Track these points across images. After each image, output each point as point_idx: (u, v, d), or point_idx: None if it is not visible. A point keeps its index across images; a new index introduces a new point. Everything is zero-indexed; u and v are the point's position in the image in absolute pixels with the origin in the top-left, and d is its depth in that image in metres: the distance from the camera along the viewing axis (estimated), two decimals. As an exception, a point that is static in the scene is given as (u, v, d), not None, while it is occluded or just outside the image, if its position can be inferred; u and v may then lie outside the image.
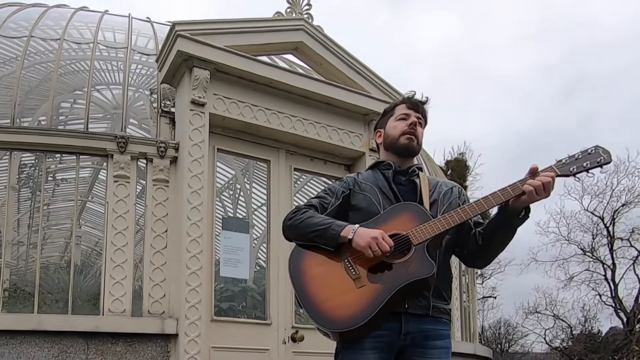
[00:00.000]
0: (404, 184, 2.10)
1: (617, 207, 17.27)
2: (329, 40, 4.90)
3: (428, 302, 1.94)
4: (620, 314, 17.10)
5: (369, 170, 2.20)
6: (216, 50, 4.30)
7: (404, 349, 1.94)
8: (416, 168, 2.16)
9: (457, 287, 6.61)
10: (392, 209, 1.98)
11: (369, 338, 1.88)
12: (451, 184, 2.20)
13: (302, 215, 2.01)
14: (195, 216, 4.21)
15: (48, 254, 5.47)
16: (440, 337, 1.97)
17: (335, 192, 2.09)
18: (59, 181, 5.19)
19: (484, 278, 21.11)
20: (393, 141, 2.14)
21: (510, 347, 23.00)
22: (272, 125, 4.64)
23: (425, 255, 1.86)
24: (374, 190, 2.06)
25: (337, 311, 1.84)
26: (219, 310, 4.50)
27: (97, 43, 4.91)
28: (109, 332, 4.05)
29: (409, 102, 2.17)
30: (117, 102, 4.85)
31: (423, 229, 1.88)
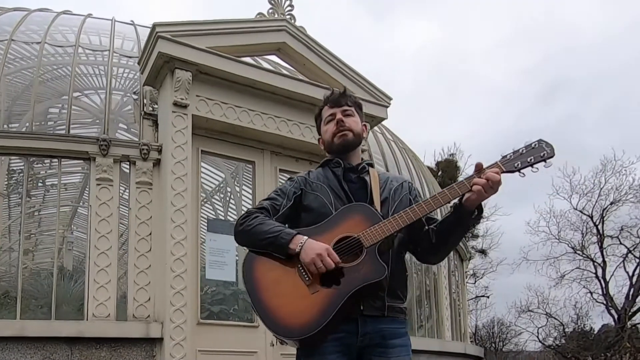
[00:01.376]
0: (354, 182, 2.07)
1: (605, 206, 17.39)
2: (312, 41, 4.89)
3: (383, 303, 1.93)
4: (611, 311, 17.20)
5: (319, 168, 2.16)
6: (198, 52, 4.28)
7: (363, 350, 1.92)
8: (366, 164, 2.13)
9: (447, 286, 6.62)
10: (342, 211, 1.95)
11: (328, 342, 1.86)
12: (401, 179, 2.18)
13: (252, 220, 1.96)
14: (179, 218, 4.18)
15: (40, 260, 5.40)
16: (398, 335, 1.96)
17: (287, 192, 2.06)
18: (48, 187, 5.12)
19: (477, 278, 21.14)
20: (330, 146, 2.12)
21: (504, 345, 23.03)
22: (256, 127, 4.63)
23: (377, 258, 1.84)
24: (325, 190, 2.03)
25: (291, 318, 1.82)
26: (205, 314, 4.46)
27: (78, 46, 4.88)
28: (93, 337, 4.01)
29: (329, 102, 2.14)
30: (99, 107, 4.81)
31: (374, 231, 1.86)
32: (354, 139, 2.08)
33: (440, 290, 6.54)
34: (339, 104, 2.11)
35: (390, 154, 6.26)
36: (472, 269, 20.87)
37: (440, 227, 1.99)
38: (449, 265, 6.85)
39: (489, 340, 22.89)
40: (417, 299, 6.31)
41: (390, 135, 6.64)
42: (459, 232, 1.97)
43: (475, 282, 21.14)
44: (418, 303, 6.31)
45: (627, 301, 16.70)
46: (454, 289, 7.26)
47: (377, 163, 5.94)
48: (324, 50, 4.95)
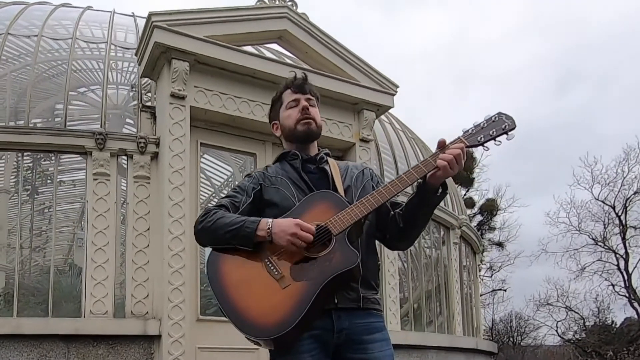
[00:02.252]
0: (314, 172, 1.99)
1: (629, 196, 16.94)
2: (315, 28, 4.72)
3: (357, 294, 1.84)
4: (634, 304, 16.78)
5: (276, 162, 2.07)
6: (195, 41, 4.15)
7: (340, 347, 1.82)
8: (324, 155, 2.05)
9: (457, 280, 6.43)
10: (306, 199, 1.87)
11: (304, 340, 1.76)
12: (361, 166, 2.11)
13: (212, 217, 1.87)
14: (177, 213, 4.07)
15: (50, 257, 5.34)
16: (376, 329, 1.87)
17: (246, 189, 1.96)
18: (57, 183, 5.05)
19: (494, 271, 20.88)
20: (291, 131, 2.02)
21: (523, 340, 22.73)
22: (256, 118, 4.49)
23: (347, 245, 1.76)
24: (285, 183, 1.94)
25: (264, 317, 1.71)
26: (206, 310, 4.36)
27: (75, 39, 4.78)
28: (89, 334, 3.94)
29: (293, 86, 2.04)
30: (113, 102, 4.72)
31: (341, 217, 1.77)
32: (317, 129, 2.00)
33: (451, 284, 6.36)
34: (304, 91, 2.03)
35: (399, 143, 6.08)
36: (488, 262, 20.61)
37: (406, 209, 1.92)
38: (460, 259, 6.66)
39: (506, 335, 22.62)
40: (427, 294, 6.14)
41: (399, 125, 6.46)
42: (425, 212, 1.90)
43: (492, 275, 20.88)
44: (428, 298, 6.15)
45: (651, 294, 16.31)
46: (467, 282, 7.07)
47: (384, 152, 5.77)
48: (327, 37, 4.78)
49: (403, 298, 5.84)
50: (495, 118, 1.82)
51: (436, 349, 5.67)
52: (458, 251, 6.55)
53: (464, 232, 6.78)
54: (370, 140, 4.99)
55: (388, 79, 4.95)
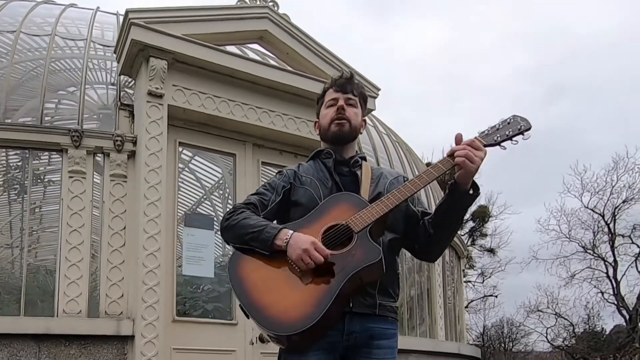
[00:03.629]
0: (345, 175, 1.98)
1: (617, 204, 17.01)
2: (296, 29, 4.70)
3: (374, 300, 1.84)
4: (622, 312, 16.83)
5: (310, 160, 2.07)
6: (173, 39, 4.12)
7: (348, 349, 1.82)
8: (359, 158, 2.04)
9: (440, 284, 6.41)
10: (328, 200, 1.87)
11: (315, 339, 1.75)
12: (396, 173, 2.10)
13: (238, 215, 1.88)
14: (152, 212, 4.03)
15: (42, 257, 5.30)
16: (385, 336, 1.86)
17: (276, 187, 1.96)
18: (46, 183, 5.00)
19: (485, 277, 20.89)
20: (325, 132, 2.03)
21: (514, 346, 22.76)
22: (236, 117, 4.46)
23: (370, 241, 1.75)
24: (314, 184, 1.94)
25: (284, 314, 1.71)
26: (182, 311, 4.31)
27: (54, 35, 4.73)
28: (61, 334, 3.88)
29: (335, 85, 2.04)
30: (103, 102, 4.68)
31: (362, 215, 1.77)
32: (350, 131, 1.99)
33: (434, 289, 6.34)
34: (345, 90, 2.02)
35: (382, 146, 6.06)
36: (480, 268, 20.65)
37: (436, 215, 1.91)
38: (443, 264, 6.64)
39: (498, 340, 22.64)
40: (409, 299, 6.11)
41: (383, 129, 6.44)
42: (456, 214, 1.89)
43: (483, 281, 20.90)
44: (409, 302, 6.12)
45: (639, 302, 16.33)
46: (451, 287, 7.05)
47: (367, 155, 5.74)
48: (309, 38, 4.76)
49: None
50: (511, 120, 1.84)
51: (418, 352, 5.64)
52: (441, 256, 6.52)
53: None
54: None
55: (369, 82, 4.93)
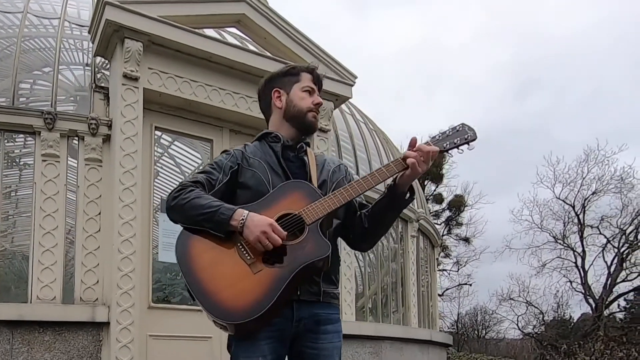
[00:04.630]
0: (292, 161, 1.98)
1: (587, 195, 17.50)
2: (274, 14, 4.67)
3: (319, 288, 1.87)
4: (589, 300, 17.34)
5: (255, 141, 2.04)
6: (149, 21, 4.04)
7: (297, 336, 1.84)
8: (304, 144, 2.04)
9: (414, 272, 6.49)
10: (281, 187, 1.87)
11: (263, 327, 1.76)
12: (338, 161, 2.14)
13: (188, 194, 1.82)
14: (128, 198, 3.98)
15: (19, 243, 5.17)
16: (331, 321, 1.90)
17: (223, 167, 1.93)
18: (21, 166, 4.87)
19: (460, 266, 21.28)
20: (299, 114, 1.99)
21: (487, 333, 23.26)
22: (213, 103, 4.42)
23: (320, 235, 1.78)
24: (262, 167, 1.92)
25: (233, 301, 1.70)
26: (157, 297, 4.28)
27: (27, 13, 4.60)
28: (35, 320, 3.81)
29: (316, 76, 2.05)
30: (80, 84, 4.57)
31: (315, 208, 1.79)
32: (317, 127, 2.06)
33: (408, 276, 6.41)
34: (320, 86, 2.06)
35: (359, 134, 6.08)
36: (455, 257, 21.00)
37: (372, 211, 1.96)
38: (417, 252, 6.72)
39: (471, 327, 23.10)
40: (384, 285, 6.17)
41: (361, 117, 6.46)
42: (391, 215, 1.95)
43: (458, 270, 21.28)
44: (384, 290, 6.18)
45: (605, 290, 16.87)
46: (424, 275, 7.15)
47: (344, 144, 5.76)
48: (287, 24, 4.73)
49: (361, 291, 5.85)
50: (460, 128, 1.92)
51: (391, 339, 5.70)
52: (416, 244, 6.60)
53: (422, 225, 6.83)
54: (328, 130, 4.97)
55: (347, 69, 4.93)
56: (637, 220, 16.82)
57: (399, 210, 1.94)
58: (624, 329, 16.12)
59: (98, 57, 4.38)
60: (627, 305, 19.17)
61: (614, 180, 17.08)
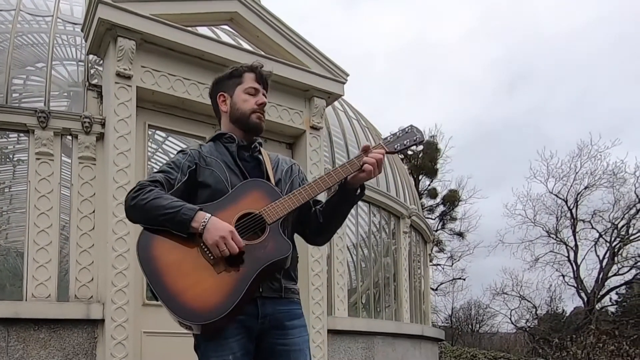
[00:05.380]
0: (247, 160, 2.03)
1: (580, 190, 17.62)
2: (266, 12, 4.68)
3: (280, 285, 1.92)
4: (581, 294, 17.49)
5: (210, 142, 2.08)
6: (142, 19, 4.05)
7: (263, 332, 1.89)
8: (257, 144, 2.08)
9: (407, 268, 6.54)
10: (241, 186, 1.89)
11: (230, 325, 1.80)
12: (290, 161, 2.18)
13: (147, 194, 1.82)
14: (121, 195, 3.96)
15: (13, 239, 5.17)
16: (296, 316, 1.96)
17: (181, 166, 1.94)
18: (15, 162, 4.88)
19: (454, 260, 21.40)
20: (243, 117, 2.02)
21: (481, 327, 23.42)
22: (206, 101, 4.33)
23: (281, 235, 1.83)
24: (220, 166, 1.95)
25: (197, 302, 1.72)
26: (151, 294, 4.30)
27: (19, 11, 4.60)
28: (31, 318, 3.84)
29: (259, 75, 2.06)
30: (73, 79, 4.57)
31: (275, 207, 1.84)
32: (264, 126, 2.06)
33: (400, 272, 6.46)
34: (265, 85, 2.08)
35: (352, 130, 6.11)
36: (449, 252, 21.12)
37: (326, 207, 2.02)
38: (409, 248, 6.77)
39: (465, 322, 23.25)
40: (376, 280, 6.22)
41: (353, 113, 6.49)
42: (343, 210, 2.01)
43: (452, 264, 21.41)
44: (377, 285, 6.23)
45: (597, 284, 17.01)
46: (417, 271, 7.20)
47: (336, 140, 5.79)
48: (279, 22, 4.75)
49: (353, 287, 5.90)
50: (408, 130, 1.99)
51: (383, 335, 5.75)
52: (408, 240, 6.65)
53: (414, 221, 6.88)
54: (320, 128, 5.00)
55: (339, 67, 4.96)
56: (628, 214, 16.98)
57: (351, 205, 2.01)
58: (615, 322, 16.30)
59: (91, 55, 4.38)
60: (618, 299, 19.33)
61: (606, 174, 17.24)
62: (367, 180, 1.93)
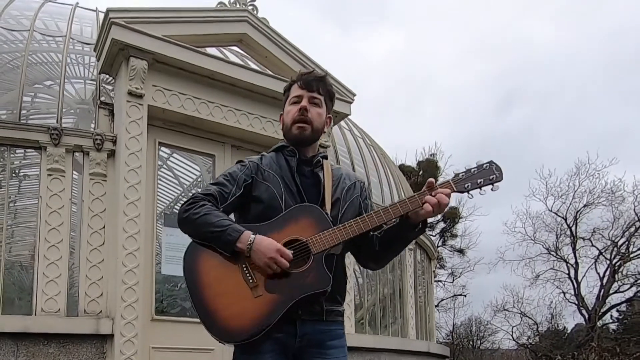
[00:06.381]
0: (307, 176, 1.97)
1: (579, 208, 17.68)
2: (274, 33, 4.79)
3: (322, 308, 1.88)
4: (582, 311, 17.46)
5: (272, 152, 2.03)
6: (154, 40, 4.16)
7: (301, 350, 1.86)
8: (321, 158, 2.02)
9: (412, 285, 6.58)
10: (292, 211, 1.86)
11: (266, 341, 1.79)
12: (354, 177, 2.10)
13: (199, 209, 1.83)
14: (132, 212, 4.06)
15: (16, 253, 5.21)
16: (336, 336, 1.92)
17: (237, 179, 1.92)
18: (21, 177, 4.94)
19: (455, 277, 21.37)
20: (287, 131, 1.99)
21: (482, 344, 23.29)
22: (215, 119, 4.52)
23: (323, 267, 1.80)
24: (277, 181, 1.92)
25: (232, 321, 1.75)
26: (160, 310, 4.35)
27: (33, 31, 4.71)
28: (40, 332, 3.87)
29: (301, 80, 1.98)
30: (80, 97, 4.67)
31: (322, 238, 1.80)
32: (311, 134, 1.96)
33: (406, 289, 6.50)
34: (310, 88, 1.97)
35: (357, 150, 6.20)
36: (450, 268, 21.09)
37: (384, 236, 1.96)
38: (414, 264, 6.81)
39: (466, 338, 23.13)
40: (382, 299, 6.26)
41: (358, 132, 6.59)
42: (401, 243, 1.95)
43: (453, 280, 21.37)
44: (382, 302, 6.27)
45: (597, 302, 16.98)
46: (422, 287, 7.23)
47: (342, 159, 5.87)
48: (287, 42, 4.86)
49: (359, 302, 5.93)
50: (487, 167, 1.85)
51: (389, 351, 5.77)
52: (413, 257, 6.69)
53: (418, 238, 6.93)
54: (327, 146, 5.08)
55: (346, 87, 5.05)
56: (628, 232, 16.98)
57: (408, 241, 1.94)
58: (617, 339, 16.26)
59: (102, 74, 4.48)
60: (619, 317, 19.29)
61: (605, 193, 17.29)
62: (426, 218, 1.84)
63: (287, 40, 4.86)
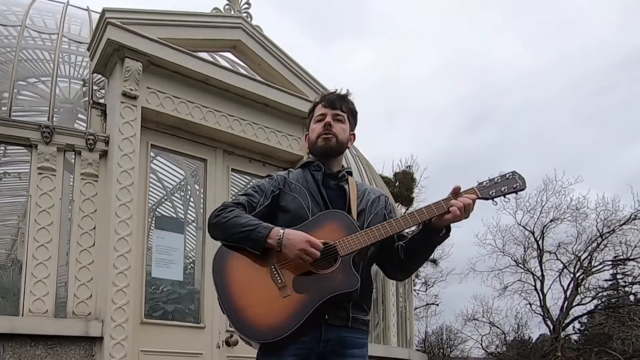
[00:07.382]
0: (333, 189, 2.06)
1: (546, 223, 18.17)
2: (268, 41, 4.86)
3: (347, 314, 1.93)
4: (547, 322, 17.89)
5: (299, 169, 2.13)
6: (149, 42, 4.17)
7: (323, 356, 1.90)
8: (346, 172, 2.12)
9: (394, 293, 6.67)
10: (320, 216, 1.94)
11: (291, 345, 1.83)
12: (379, 192, 2.19)
13: (228, 213, 1.92)
14: (124, 213, 4.04)
15: None
16: (358, 345, 1.96)
17: (265, 190, 2.02)
18: (1, 175, 4.84)
19: (428, 286, 21.67)
20: (312, 145, 2.10)
21: (452, 352, 23.57)
22: (208, 124, 4.54)
23: (351, 268, 1.85)
24: (303, 193, 2.00)
25: (259, 320, 1.79)
26: (150, 313, 4.33)
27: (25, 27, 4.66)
28: (27, 334, 3.80)
29: (324, 100, 2.11)
30: (64, 95, 4.62)
31: (350, 241, 1.86)
32: (336, 145, 2.06)
33: (388, 297, 6.59)
34: (333, 106, 2.08)
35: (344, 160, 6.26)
36: (423, 278, 21.38)
37: (408, 244, 2.02)
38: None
39: (437, 346, 23.39)
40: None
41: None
42: (426, 249, 2.01)
43: (426, 290, 21.68)
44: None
45: (562, 313, 17.42)
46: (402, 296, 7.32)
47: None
48: (280, 51, 4.93)
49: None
50: (509, 176, 1.93)
51: (371, 358, 5.80)
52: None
53: (400, 245, 7.02)
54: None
55: (329, 91, 5.14)
56: (590, 247, 17.52)
57: (433, 246, 1.98)
58: (579, 350, 16.73)
59: (95, 73, 4.46)
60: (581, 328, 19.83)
61: (570, 209, 17.84)
62: (452, 222, 1.88)
63: (281, 49, 4.93)
